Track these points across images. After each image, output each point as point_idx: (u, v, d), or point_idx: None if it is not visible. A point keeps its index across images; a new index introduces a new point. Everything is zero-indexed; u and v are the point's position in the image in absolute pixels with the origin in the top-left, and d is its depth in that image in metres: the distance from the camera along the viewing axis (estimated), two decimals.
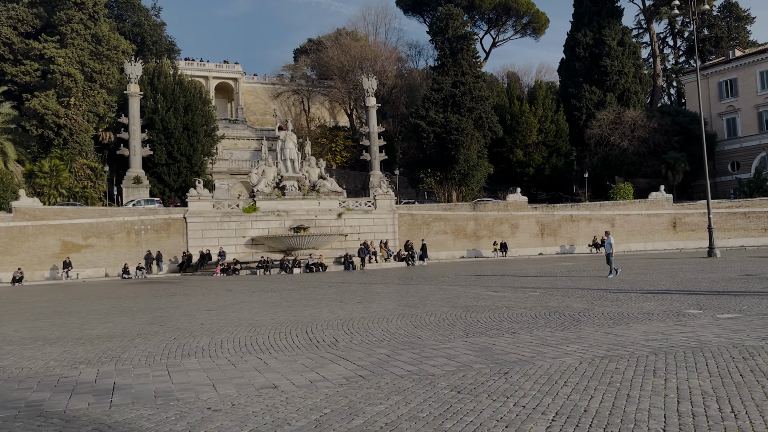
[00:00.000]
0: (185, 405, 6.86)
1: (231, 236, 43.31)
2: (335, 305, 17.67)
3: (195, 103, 53.77)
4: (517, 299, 17.59)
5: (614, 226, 50.50)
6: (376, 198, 47.20)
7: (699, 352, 9.07)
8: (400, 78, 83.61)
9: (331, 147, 76.29)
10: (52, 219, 38.45)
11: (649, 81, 72.00)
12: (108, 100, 51.40)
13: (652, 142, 61.60)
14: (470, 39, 62.04)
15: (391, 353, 9.79)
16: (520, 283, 22.96)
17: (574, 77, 67.60)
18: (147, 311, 17.67)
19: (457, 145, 58.32)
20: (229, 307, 18.10)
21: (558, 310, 14.69)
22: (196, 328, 13.55)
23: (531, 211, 50.44)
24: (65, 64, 47.41)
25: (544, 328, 12.14)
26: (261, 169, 46.52)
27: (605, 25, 66.40)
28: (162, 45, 66.39)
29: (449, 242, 48.70)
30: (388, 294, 20.82)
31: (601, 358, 8.95)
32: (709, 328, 11.34)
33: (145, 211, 42.02)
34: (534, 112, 64.92)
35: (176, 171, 52.50)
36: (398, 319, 14.18)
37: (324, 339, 11.49)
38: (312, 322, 13.90)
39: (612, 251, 25.07)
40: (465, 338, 11.20)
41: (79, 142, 48.45)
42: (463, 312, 15.03)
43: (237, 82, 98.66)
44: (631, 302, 15.85)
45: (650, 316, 13.33)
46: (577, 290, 19.57)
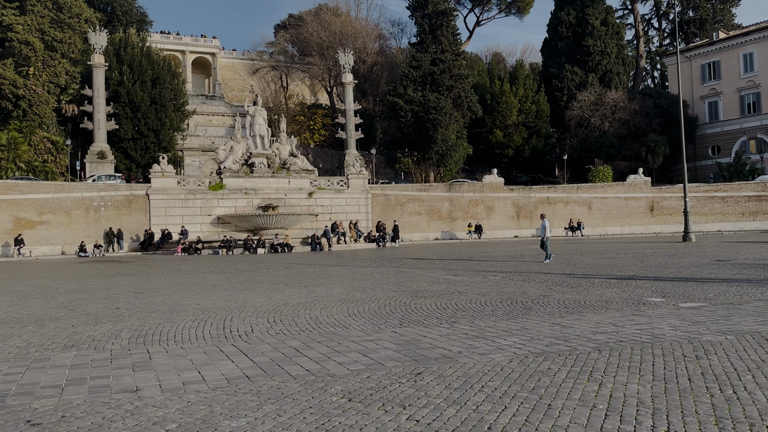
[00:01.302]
0: (7, 414, 5.59)
1: (196, 214, 41.82)
2: (278, 289, 16.44)
3: (163, 76, 51.81)
4: (474, 284, 16.48)
5: (591, 209, 49.66)
6: (349, 177, 45.84)
7: (648, 349, 7.96)
8: (381, 55, 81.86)
9: (309, 125, 74.60)
10: (4, 193, 36.68)
11: (632, 62, 70.91)
12: (70, 70, 49.31)
13: (632, 125, 60.66)
14: (450, 15, 60.37)
15: (301, 347, 8.57)
16: (484, 267, 21.89)
17: (556, 57, 66.32)
18: (71, 293, 16.31)
19: (435, 124, 56.94)
20: (162, 289, 16.79)
21: (512, 297, 13.59)
22: (108, 313, 12.24)
23: (507, 193, 49.38)
24: (24, 31, 45.26)
25: (490, 317, 11.02)
26: (229, 145, 44.92)
27: (589, 4, 65.03)
28: (132, 16, 64.02)
29: (423, 224, 47.55)
30: (341, 277, 19.62)
31: (536, 354, 7.81)
32: (667, 319, 10.27)
33: (106, 186, 40.34)
34: (515, 93, 63.63)
35: (143, 146, 50.70)
36: (336, 305, 12.98)
37: (239, 329, 10.25)
38: (239, 309, 12.67)
39: (548, 235, 24.14)
40: (397, 328, 10.03)
41: (39, 114, 46.46)
42: (410, 298, 13.87)
43: (215, 57, 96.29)
44: (593, 288, 14.80)
45: (608, 304, 12.26)
46: (541, 275, 18.51)
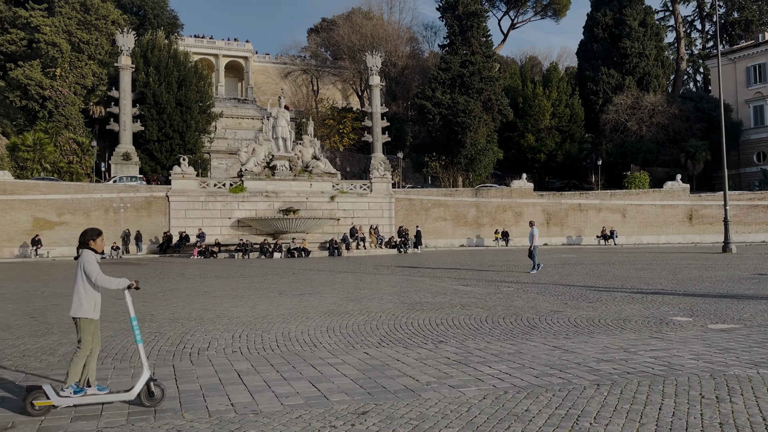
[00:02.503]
0: None
1: (216, 217, 41.19)
2: (269, 298, 15.32)
3: (189, 78, 51.54)
4: (483, 296, 15.09)
5: (625, 216, 47.47)
6: (372, 181, 44.68)
7: (659, 385, 6.52)
8: (412, 59, 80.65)
9: (339, 129, 73.79)
10: (24, 194, 36.59)
11: (672, 65, 68.13)
12: (97, 72, 49.37)
13: (671, 129, 58.06)
14: (481, 16, 58.79)
15: (247, 370, 7.38)
16: (501, 277, 20.43)
17: (591, 60, 64.08)
18: (53, 297, 15.48)
19: (464, 127, 55.40)
20: (147, 295, 15.83)
21: (519, 313, 12.18)
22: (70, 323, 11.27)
23: (536, 199, 47.53)
24: (51, 33, 45.40)
25: (484, 336, 9.65)
26: (251, 147, 44.24)
27: (626, 4, 62.65)
28: (164, 19, 64.18)
29: (448, 229, 46.07)
30: (344, 285, 18.41)
31: (519, 389, 6.45)
32: (691, 345, 8.76)
33: (125, 188, 40.01)
34: (548, 96, 61.61)
35: (168, 148, 50.46)
36: (319, 318, 11.77)
37: (195, 345, 9.12)
38: (212, 320, 11.56)
39: (535, 244, 22.41)
40: (373, 348, 8.76)
41: (65, 115, 46.54)
42: (406, 311, 12.57)
43: (247, 61, 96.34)
44: (612, 304, 13.27)
45: (625, 323, 10.76)
46: (559, 287, 16.99)
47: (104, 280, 5.67)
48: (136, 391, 5.61)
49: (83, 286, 5.70)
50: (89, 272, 5.65)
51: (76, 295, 5.73)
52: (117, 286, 5.73)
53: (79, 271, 5.71)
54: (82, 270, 5.69)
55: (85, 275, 5.68)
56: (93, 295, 5.76)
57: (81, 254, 5.78)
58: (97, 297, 5.80)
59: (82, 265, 5.70)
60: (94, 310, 5.77)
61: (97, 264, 5.75)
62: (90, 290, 5.73)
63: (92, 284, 5.70)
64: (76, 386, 5.59)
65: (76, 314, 5.74)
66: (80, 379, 5.66)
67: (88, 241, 5.85)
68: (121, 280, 5.77)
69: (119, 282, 5.74)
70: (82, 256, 5.76)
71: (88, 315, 5.73)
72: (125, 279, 5.82)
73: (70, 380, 5.58)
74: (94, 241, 5.85)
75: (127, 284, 5.78)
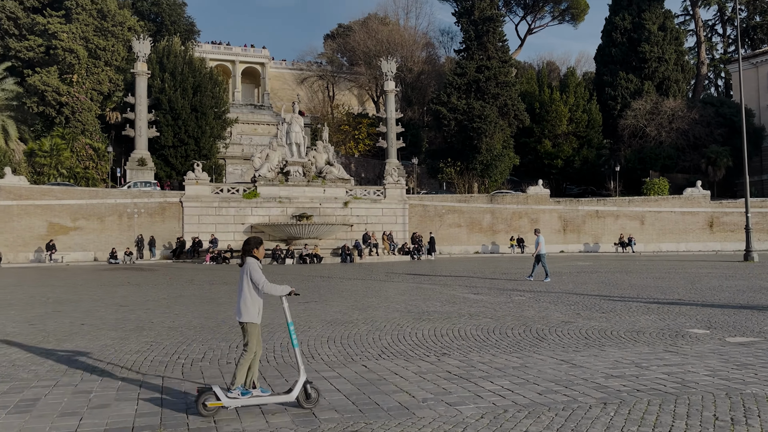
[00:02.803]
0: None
1: (229, 223, 41.11)
2: (273, 306, 14.98)
3: (204, 84, 51.67)
4: (493, 305, 14.68)
5: (644, 223, 46.61)
6: (386, 187, 44.36)
7: (670, 405, 6.12)
8: (428, 64, 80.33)
9: (354, 134, 73.65)
10: (39, 199, 36.78)
11: (692, 70, 67.02)
12: (114, 78, 49.66)
13: (692, 135, 57.03)
14: (497, 21, 58.33)
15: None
16: (513, 285, 19.97)
17: (609, 64, 63.28)
18: (50, 304, 15.33)
19: (479, 133, 54.89)
20: (151, 302, 15.63)
21: (528, 323, 11.78)
22: (63, 330, 11.07)
23: (553, 205, 46.86)
24: (68, 39, 45.73)
25: (490, 349, 9.29)
26: (265, 153, 44.16)
27: (645, 8, 61.81)
28: (181, 25, 64.47)
29: (463, 236, 45.57)
30: (352, 292, 18.09)
31: (520, 408, 6.08)
32: (707, 359, 8.33)
33: (139, 193, 40.09)
34: (565, 101, 60.92)
35: (183, 154, 50.57)
36: (322, 327, 11.48)
37: (182, 357, 8.84)
38: (212, 329, 11.31)
39: (542, 252, 21.80)
40: (372, 361, 8.44)
41: (82, 121, 46.83)
42: (412, 321, 12.22)
43: (264, 67, 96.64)
44: (626, 314, 12.81)
45: (638, 336, 10.32)
46: (572, 296, 16.52)
47: (270, 287, 5.94)
48: (296, 393, 5.92)
49: (249, 292, 5.98)
50: (256, 279, 5.92)
51: (243, 301, 6.00)
52: (280, 293, 6.02)
53: (244, 278, 5.98)
54: (248, 277, 5.96)
55: (251, 282, 5.95)
56: (258, 301, 6.04)
57: (245, 262, 6.06)
58: (261, 303, 6.08)
59: (248, 272, 5.97)
60: (258, 314, 6.05)
61: (261, 271, 6.03)
62: (255, 296, 6.00)
63: (257, 291, 5.98)
64: (243, 388, 5.90)
65: (243, 319, 6.01)
66: (246, 381, 5.98)
67: (252, 249, 6.11)
68: (283, 287, 6.05)
69: (282, 289, 6.02)
70: (248, 264, 6.03)
71: (253, 320, 6.01)
72: (287, 286, 6.09)
73: (237, 382, 5.88)
74: (257, 250, 6.12)
75: (288, 291, 6.07)
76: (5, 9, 47.10)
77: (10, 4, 47.29)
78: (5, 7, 47.06)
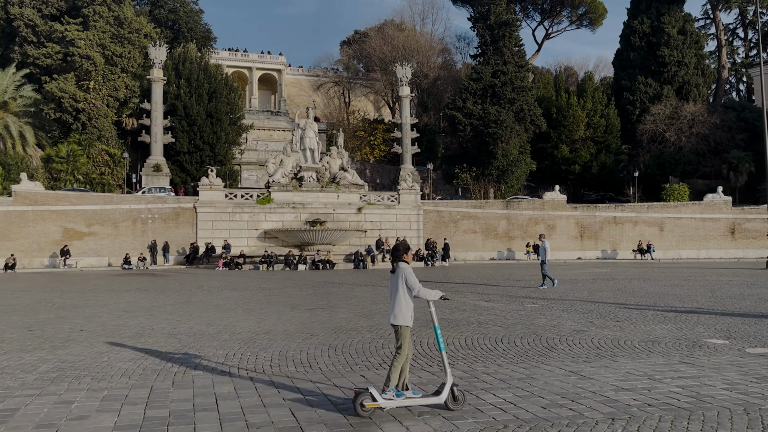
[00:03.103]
0: None
1: (243, 228, 41.03)
2: (279, 312, 14.76)
3: (220, 90, 51.81)
4: (504, 313, 14.28)
5: (663, 230, 45.73)
6: (400, 193, 44.03)
7: (683, 421, 5.71)
8: (444, 70, 79.97)
9: (370, 140, 73.50)
10: (54, 204, 36.97)
11: (713, 74, 65.96)
12: (130, 84, 49.98)
13: (713, 140, 56.04)
14: (513, 25, 57.86)
15: (225, 395, 6.76)
16: (526, 292, 19.52)
17: (628, 69, 62.47)
18: (56, 309, 15.19)
19: (495, 138, 54.41)
20: (158, 308, 15.42)
21: (538, 332, 11.37)
22: (59, 336, 10.88)
23: (570, 211, 46.18)
24: (85, 46, 46.12)
25: (497, 359, 8.92)
26: (279, 158, 44.09)
27: (665, 11, 60.97)
28: (197, 32, 64.87)
29: (478, 242, 45.05)
30: (360, 299, 17.76)
31: (521, 423, 5.72)
32: (725, 372, 7.88)
33: (153, 199, 40.16)
34: (582, 106, 60.22)
35: (198, 159, 50.69)
36: (325, 334, 11.16)
37: (174, 365, 8.57)
38: (211, 336, 11.05)
39: (547, 258, 21.28)
40: (372, 371, 8.12)
41: (98, 127, 47.15)
42: (419, 328, 11.82)
43: (280, 74, 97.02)
44: (641, 323, 12.34)
45: (653, 346, 9.87)
46: (587, 303, 16.05)
47: (424, 291, 6.14)
48: (445, 395, 6.08)
49: (404, 296, 6.16)
50: (411, 284, 6.11)
51: (397, 304, 6.16)
52: (433, 297, 6.21)
53: (399, 282, 6.16)
54: (404, 281, 6.14)
55: (406, 286, 6.13)
56: (411, 305, 6.22)
57: (398, 267, 6.23)
58: (413, 306, 6.25)
59: (404, 277, 6.15)
60: (411, 318, 6.24)
61: (415, 276, 6.22)
62: (409, 300, 6.19)
63: (410, 295, 6.17)
64: (396, 389, 6.08)
65: (398, 322, 6.18)
66: (399, 383, 6.15)
67: (402, 255, 6.31)
68: (435, 292, 6.24)
69: (434, 294, 6.22)
70: (402, 269, 6.20)
71: (407, 323, 6.20)
72: (438, 291, 6.29)
73: (392, 384, 6.07)
74: (406, 255, 6.34)
75: (439, 296, 6.26)
76: (24, 16, 47.65)
77: (29, 11, 47.84)
78: (24, 15, 47.60)
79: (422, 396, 6.16)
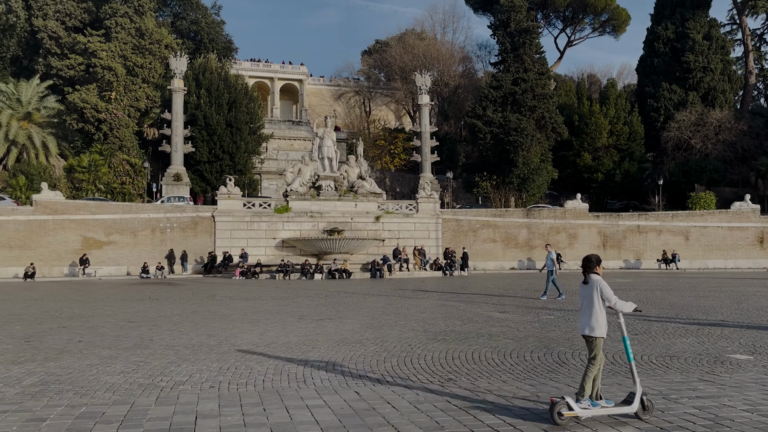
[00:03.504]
0: None
1: (261, 237, 40.91)
2: (285, 323, 14.43)
3: (240, 100, 52.02)
4: (518, 324, 13.78)
5: (688, 239, 44.60)
6: (419, 201, 43.59)
7: None
8: (465, 78, 79.53)
9: (390, 149, 73.28)
10: (74, 213, 37.24)
11: (740, 79, 64.54)
12: (151, 95, 50.43)
13: (740, 147, 54.70)
14: (534, 33, 57.27)
15: (207, 413, 6.40)
16: (543, 303, 18.95)
17: (652, 75, 61.41)
18: (61, 319, 15.04)
19: (516, 146, 53.78)
20: (163, 318, 15.20)
21: (551, 345, 10.88)
22: (31, 349, 10.65)
23: (592, 220, 45.28)
24: (107, 57, 46.68)
25: (502, 374, 8.47)
26: (297, 167, 44.00)
27: (689, 17, 59.87)
28: (219, 43, 65.42)
29: (498, 251, 44.38)
30: (372, 309, 17.36)
31: None
32: (747, 391, 7.34)
33: (172, 208, 40.27)
34: (605, 113, 59.28)
35: (218, 169, 50.87)
36: (326, 347, 10.81)
37: (164, 380, 8.24)
38: (211, 347, 10.75)
39: (554, 268, 20.52)
40: (368, 386, 7.72)
41: (120, 137, 47.60)
42: (425, 341, 11.44)
43: (302, 84, 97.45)
44: (661, 337, 11.77)
45: (672, 361, 9.33)
46: (606, 315, 15.39)
47: (621, 304, 6.26)
48: (636, 404, 6.13)
49: (600, 308, 6.27)
50: (608, 296, 6.22)
51: (593, 316, 6.28)
52: (628, 309, 6.32)
53: (595, 294, 6.27)
54: (599, 293, 6.25)
55: (601, 298, 6.25)
56: (605, 315, 6.33)
57: (591, 279, 6.35)
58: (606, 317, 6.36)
59: (599, 288, 6.25)
60: (605, 329, 6.34)
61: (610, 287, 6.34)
62: (604, 312, 6.30)
63: (605, 306, 6.29)
64: (590, 399, 6.22)
65: (593, 333, 6.29)
66: (592, 392, 6.27)
67: (594, 267, 6.43)
68: (630, 304, 6.34)
69: (629, 306, 6.31)
70: (598, 281, 6.31)
71: (603, 334, 6.31)
72: (632, 303, 6.37)
73: (586, 393, 6.18)
74: (598, 266, 6.44)
75: (633, 308, 6.36)
76: (48, 29, 48.43)
77: (53, 24, 48.61)
78: (48, 27, 48.38)
79: (614, 405, 6.24)
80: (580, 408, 6.02)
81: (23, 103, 47.60)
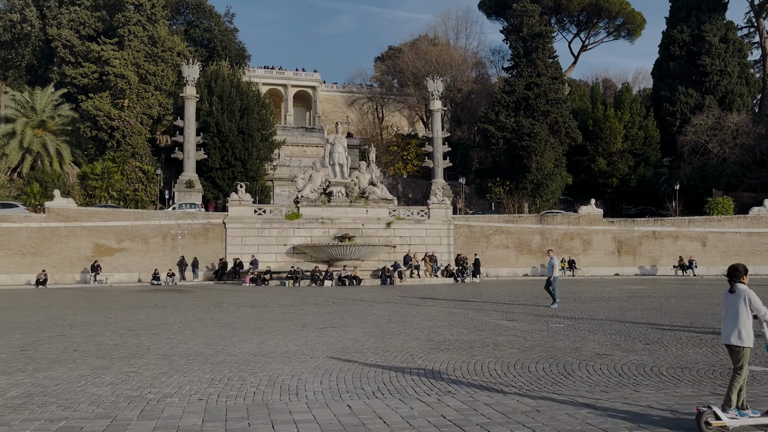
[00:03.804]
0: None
1: (272, 244, 40.78)
2: (286, 331, 14.18)
3: (252, 107, 52.04)
4: (524, 333, 13.41)
5: (706, 245, 43.79)
6: (430, 207, 43.24)
7: None
8: (478, 83, 79.18)
9: (403, 155, 73.07)
10: (86, 220, 37.36)
11: (758, 83, 63.54)
12: (163, 102, 50.64)
13: (758, 151, 53.72)
14: (547, 37, 56.79)
15: (189, 428, 6.15)
16: (554, 311, 18.53)
17: (667, 79, 60.60)
18: (63, 327, 14.90)
19: (529, 151, 53.27)
20: (164, 327, 15.01)
21: (557, 356, 10.51)
22: (26, 358, 10.47)
23: (606, 226, 44.63)
24: (120, 65, 46.98)
25: (504, 387, 8.14)
26: (308, 174, 43.88)
27: (705, 20, 59.05)
28: (232, 50, 65.65)
29: (511, 258, 43.88)
30: (377, 317, 17.06)
31: None
32: (761, 405, 6.97)
33: (183, 215, 40.29)
34: (620, 118, 58.57)
35: (230, 175, 50.87)
36: (326, 356, 10.49)
37: (155, 395, 7.99)
38: (207, 357, 10.49)
39: (555, 275, 19.95)
40: (361, 399, 7.44)
41: (132, 145, 47.81)
42: (427, 351, 11.14)
43: (315, 91, 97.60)
44: (673, 347, 11.37)
45: (683, 373, 8.94)
46: (616, 324, 15.04)
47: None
48: None
49: (747, 317, 6.26)
50: (757, 307, 6.20)
51: (742, 326, 6.26)
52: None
53: (742, 303, 6.25)
54: (747, 303, 6.23)
55: (749, 308, 6.23)
56: (752, 325, 6.29)
57: (738, 288, 6.32)
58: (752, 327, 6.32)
59: (747, 298, 6.24)
60: (752, 339, 6.33)
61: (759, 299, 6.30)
62: (750, 321, 6.28)
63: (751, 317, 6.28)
64: (737, 409, 6.21)
65: (743, 343, 6.29)
66: (738, 402, 6.27)
67: (741, 276, 6.40)
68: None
69: None
70: (746, 291, 6.29)
71: (749, 344, 6.30)
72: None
73: (732, 403, 6.20)
74: (745, 276, 6.40)
75: None
76: (62, 37, 48.84)
77: (67, 32, 49.02)
78: (62, 36, 48.79)
79: (761, 415, 6.21)
80: (728, 418, 5.99)
81: (38, 111, 48.03)
